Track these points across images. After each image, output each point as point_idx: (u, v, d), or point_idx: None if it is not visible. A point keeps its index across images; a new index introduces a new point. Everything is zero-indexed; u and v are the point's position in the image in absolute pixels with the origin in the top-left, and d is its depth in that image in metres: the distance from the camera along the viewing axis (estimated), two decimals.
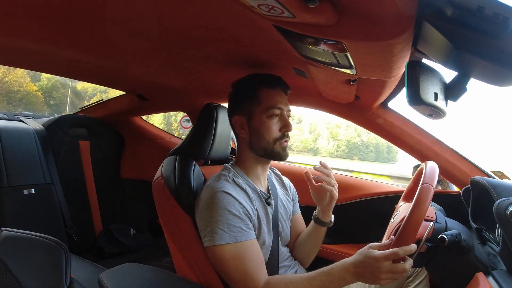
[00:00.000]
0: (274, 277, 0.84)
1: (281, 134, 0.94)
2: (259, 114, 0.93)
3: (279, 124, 0.94)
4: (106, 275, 0.85)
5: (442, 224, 0.85)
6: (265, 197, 0.97)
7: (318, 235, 1.07)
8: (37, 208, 1.61)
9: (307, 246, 1.10)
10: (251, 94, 0.94)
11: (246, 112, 0.95)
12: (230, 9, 0.62)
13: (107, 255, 1.86)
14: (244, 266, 0.82)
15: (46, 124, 1.86)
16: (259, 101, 0.93)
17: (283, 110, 0.94)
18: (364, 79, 0.86)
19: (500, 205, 0.77)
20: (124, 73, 1.33)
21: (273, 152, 0.94)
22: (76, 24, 0.81)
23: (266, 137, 0.92)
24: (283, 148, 0.94)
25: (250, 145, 0.96)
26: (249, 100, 0.94)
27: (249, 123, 0.95)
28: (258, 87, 0.94)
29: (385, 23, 0.53)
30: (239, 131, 0.97)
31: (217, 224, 0.82)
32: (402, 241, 0.71)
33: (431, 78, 0.59)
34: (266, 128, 0.92)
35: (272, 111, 0.92)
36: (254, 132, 0.94)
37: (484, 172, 1.18)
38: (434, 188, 0.74)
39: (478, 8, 0.44)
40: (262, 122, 0.93)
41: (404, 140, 1.26)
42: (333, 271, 0.77)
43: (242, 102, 0.96)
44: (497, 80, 0.59)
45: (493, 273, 0.79)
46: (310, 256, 1.11)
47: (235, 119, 0.97)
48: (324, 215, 1.04)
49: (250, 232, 0.86)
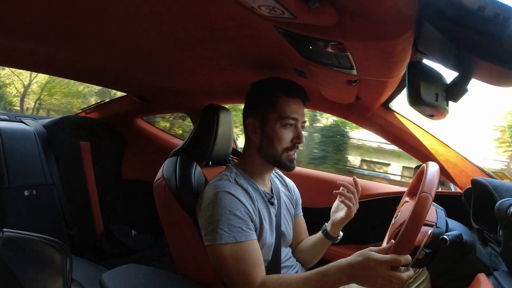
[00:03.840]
0: (269, 276, 0.84)
1: (291, 145, 0.92)
2: (273, 121, 0.92)
3: (292, 135, 0.92)
4: (108, 276, 0.85)
5: (443, 227, 0.84)
6: (268, 197, 0.98)
7: (322, 247, 1.08)
8: (38, 209, 1.61)
9: (309, 254, 1.11)
10: (268, 99, 0.93)
11: (261, 116, 0.94)
12: (231, 10, 0.62)
13: (108, 255, 1.86)
14: (241, 266, 0.82)
15: (47, 125, 1.86)
16: (275, 108, 0.92)
17: (298, 121, 0.93)
18: (365, 80, 0.86)
19: (502, 205, 0.76)
20: (124, 74, 1.33)
21: (280, 162, 0.93)
22: (76, 25, 0.81)
23: (277, 145, 0.91)
24: (291, 160, 0.93)
25: (260, 149, 0.95)
26: (265, 104, 0.93)
27: (262, 127, 0.94)
28: (277, 92, 0.92)
29: (385, 24, 0.54)
30: (251, 134, 0.96)
31: (218, 223, 0.83)
32: (400, 250, 0.71)
33: (432, 78, 0.60)
34: (278, 136, 0.91)
35: (287, 121, 0.91)
36: (266, 138, 0.93)
37: (486, 173, 1.18)
38: (433, 196, 0.74)
39: (478, 8, 0.44)
40: (275, 130, 0.91)
41: (405, 141, 1.25)
42: (329, 271, 0.76)
43: (258, 105, 0.95)
44: (498, 81, 0.59)
45: (494, 274, 0.79)
46: (309, 263, 1.12)
47: (249, 121, 0.96)
48: (334, 229, 1.04)
49: (251, 232, 0.86)
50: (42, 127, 1.83)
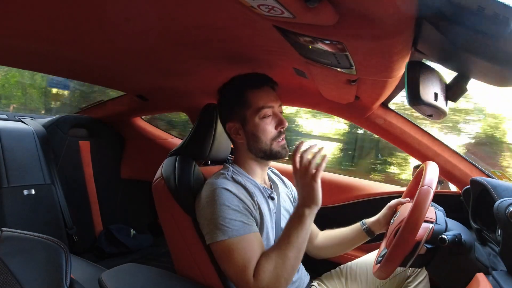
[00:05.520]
0: (261, 260, 0.83)
1: (277, 132, 0.93)
2: (251, 117, 0.92)
3: (274, 123, 0.93)
4: (107, 276, 0.85)
5: (442, 225, 0.85)
6: (268, 192, 0.98)
7: (360, 241, 1.09)
8: (37, 208, 1.60)
9: (341, 248, 1.12)
10: (239, 98, 0.94)
11: (239, 117, 0.94)
12: (230, 9, 0.62)
13: (107, 255, 1.85)
14: (244, 258, 0.81)
15: (46, 125, 1.86)
16: (249, 104, 0.93)
17: (274, 107, 0.94)
18: (364, 79, 0.86)
19: (500, 205, 0.77)
20: (124, 73, 1.33)
21: (272, 152, 0.94)
22: (76, 25, 0.81)
23: (263, 138, 0.92)
24: (282, 146, 0.94)
25: (249, 148, 0.96)
26: (239, 104, 0.94)
27: (244, 128, 0.94)
28: (245, 89, 0.94)
29: (385, 23, 0.53)
30: (235, 137, 0.97)
31: (218, 220, 0.83)
32: (402, 243, 0.71)
33: (431, 78, 0.60)
34: (261, 130, 0.92)
35: (263, 112, 0.92)
36: (250, 136, 0.94)
37: (484, 173, 1.18)
38: (434, 190, 0.74)
39: (478, 8, 0.44)
40: (256, 125, 0.92)
41: (404, 140, 1.25)
42: (289, 222, 0.85)
43: (233, 107, 0.95)
44: (497, 80, 0.59)
45: (493, 273, 0.79)
46: (334, 254, 1.14)
47: (229, 126, 0.97)
48: (378, 228, 1.05)
49: (253, 225, 0.86)
50: (41, 126, 1.83)
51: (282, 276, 0.80)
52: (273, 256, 0.82)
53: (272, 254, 0.82)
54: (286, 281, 0.82)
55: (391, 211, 1.03)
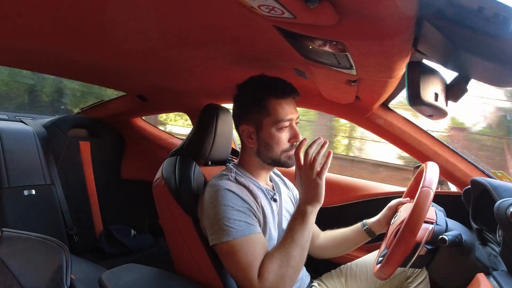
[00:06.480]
0: (266, 263, 0.82)
1: (290, 145, 0.93)
2: (268, 126, 0.91)
3: (288, 135, 0.92)
4: (107, 276, 0.85)
5: (443, 225, 0.85)
6: (271, 194, 0.98)
7: (360, 242, 1.09)
8: (37, 209, 1.60)
9: (342, 248, 1.12)
10: (259, 103, 0.91)
11: (254, 122, 0.92)
12: (230, 10, 0.62)
13: (107, 255, 1.86)
14: (248, 258, 0.81)
15: (47, 125, 1.86)
16: (268, 112, 0.90)
17: (293, 120, 0.93)
18: (364, 80, 0.86)
19: (501, 205, 0.77)
20: (124, 73, 1.33)
21: (280, 162, 0.93)
22: (76, 25, 0.81)
23: (275, 148, 0.91)
24: (289, 157, 0.93)
25: (258, 153, 0.95)
26: (258, 109, 0.91)
27: (257, 133, 0.93)
28: (267, 96, 0.90)
29: (385, 23, 0.53)
30: (247, 141, 0.95)
31: (222, 220, 0.82)
32: (402, 244, 0.71)
33: (432, 78, 0.60)
34: (275, 140, 0.91)
35: (282, 124, 0.90)
36: (263, 143, 0.92)
37: (485, 173, 1.18)
38: (434, 191, 0.74)
39: (478, 8, 0.44)
40: (272, 135, 0.91)
41: (405, 141, 1.25)
42: (292, 221, 0.85)
43: (250, 110, 0.93)
44: (498, 81, 0.59)
45: (493, 274, 0.79)
46: (336, 254, 1.15)
47: (243, 128, 0.95)
48: (379, 229, 1.05)
49: (256, 226, 0.86)
50: (41, 126, 1.83)
51: (287, 275, 0.80)
52: (277, 255, 0.82)
53: (276, 254, 0.82)
54: (291, 280, 0.82)
55: (392, 211, 1.03)
